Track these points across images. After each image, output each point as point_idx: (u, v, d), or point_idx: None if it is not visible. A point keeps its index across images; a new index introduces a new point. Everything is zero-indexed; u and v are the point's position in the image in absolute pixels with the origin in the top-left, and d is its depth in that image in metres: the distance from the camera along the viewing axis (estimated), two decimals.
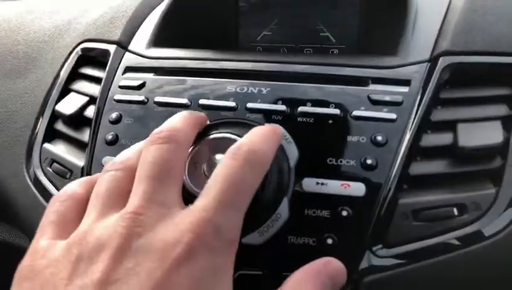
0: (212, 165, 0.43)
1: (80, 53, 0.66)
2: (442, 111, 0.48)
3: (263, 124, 0.48)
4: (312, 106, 0.48)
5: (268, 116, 0.49)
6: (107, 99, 0.55)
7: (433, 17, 0.56)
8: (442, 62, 0.50)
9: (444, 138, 0.47)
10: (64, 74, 0.64)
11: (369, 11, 0.64)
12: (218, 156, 0.44)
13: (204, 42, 0.64)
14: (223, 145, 0.44)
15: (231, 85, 0.52)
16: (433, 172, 0.45)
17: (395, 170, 0.44)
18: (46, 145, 0.58)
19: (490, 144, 0.46)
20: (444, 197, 0.44)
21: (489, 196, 0.44)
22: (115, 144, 0.51)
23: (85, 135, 0.56)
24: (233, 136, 0.44)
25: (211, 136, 0.45)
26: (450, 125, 0.47)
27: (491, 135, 0.46)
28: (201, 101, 0.51)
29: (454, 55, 0.51)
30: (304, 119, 0.48)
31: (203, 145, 0.44)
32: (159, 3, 0.69)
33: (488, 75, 0.51)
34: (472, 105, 0.49)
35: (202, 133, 0.48)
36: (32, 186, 0.57)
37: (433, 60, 0.51)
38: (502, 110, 0.49)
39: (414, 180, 0.45)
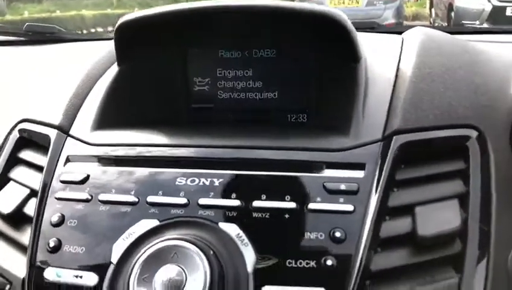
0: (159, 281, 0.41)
1: (18, 135, 0.61)
2: (398, 194, 0.47)
3: (216, 222, 0.46)
4: (267, 198, 0.46)
5: (221, 213, 0.46)
6: (48, 196, 0.51)
7: (383, 88, 0.56)
8: (396, 141, 0.49)
9: (402, 225, 0.46)
10: (2, 160, 0.59)
11: (321, 77, 0.62)
12: (165, 268, 0.41)
13: (154, 105, 0.61)
14: (170, 253, 0.42)
15: (181, 177, 0.49)
16: (394, 265, 0.44)
17: (356, 267, 0.43)
18: None
19: (449, 230, 0.45)
20: None
21: (453, 286, 0.43)
22: (58, 251, 0.47)
23: (25, 236, 0.51)
24: (179, 243, 0.42)
25: (155, 247, 0.42)
26: (408, 210, 0.46)
27: (449, 218, 0.46)
28: (150, 199, 0.48)
29: (406, 133, 0.50)
30: (260, 214, 0.46)
31: (150, 257, 0.42)
32: (100, 77, 0.65)
33: (441, 149, 0.51)
34: (428, 184, 0.48)
35: (151, 235, 0.46)
36: None
37: (385, 139, 0.50)
38: (457, 187, 0.48)
39: (376, 276, 0.43)
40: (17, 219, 0.53)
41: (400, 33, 0.81)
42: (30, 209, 0.53)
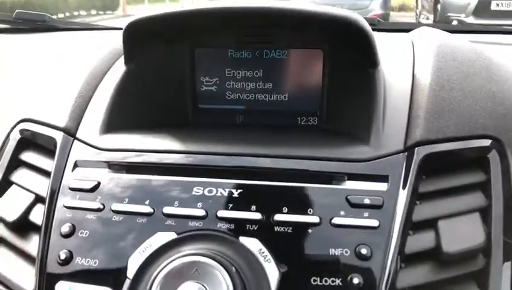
0: None
1: (19, 136, 0.58)
2: (421, 207, 0.46)
3: (236, 237, 0.44)
4: (289, 211, 0.45)
5: (242, 226, 0.45)
6: (56, 204, 0.49)
7: (400, 95, 0.54)
8: (419, 153, 0.48)
9: (426, 240, 0.45)
10: (3, 162, 0.57)
11: (334, 80, 0.61)
12: (185, 286, 0.40)
13: (162, 107, 0.59)
14: (191, 269, 0.41)
15: (198, 186, 0.47)
16: (420, 282, 0.43)
17: (383, 285, 0.42)
18: None
19: (473, 246, 0.44)
20: None
21: None
22: (69, 263, 0.45)
23: (32, 245, 0.49)
24: (200, 259, 0.41)
25: (175, 262, 0.41)
26: (431, 224, 0.45)
27: (472, 233, 0.45)
28: (166, 210, 0.46)
29: (429, 144, 0.49)
30: (282, 229, 0.44)
31: (170, 273, 0.40)
32: (103, 75, 0.62)
33: (462, 160, 0.50)
34: (450, 196, 0.48)
35: (169, 249, 0.44)
36: None
37: (408, 150, 0.49)
38: (478, 200, 0.48)
39: None
40: (22, 226, 0.51)
41: (403, 31, 0.80)
42: (36, 216, 0.51)
